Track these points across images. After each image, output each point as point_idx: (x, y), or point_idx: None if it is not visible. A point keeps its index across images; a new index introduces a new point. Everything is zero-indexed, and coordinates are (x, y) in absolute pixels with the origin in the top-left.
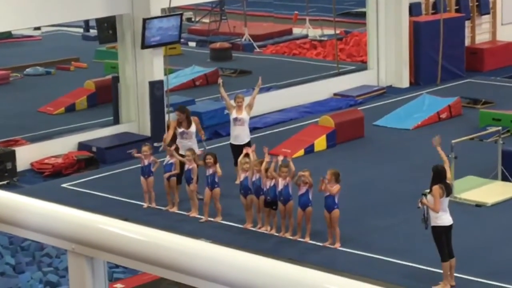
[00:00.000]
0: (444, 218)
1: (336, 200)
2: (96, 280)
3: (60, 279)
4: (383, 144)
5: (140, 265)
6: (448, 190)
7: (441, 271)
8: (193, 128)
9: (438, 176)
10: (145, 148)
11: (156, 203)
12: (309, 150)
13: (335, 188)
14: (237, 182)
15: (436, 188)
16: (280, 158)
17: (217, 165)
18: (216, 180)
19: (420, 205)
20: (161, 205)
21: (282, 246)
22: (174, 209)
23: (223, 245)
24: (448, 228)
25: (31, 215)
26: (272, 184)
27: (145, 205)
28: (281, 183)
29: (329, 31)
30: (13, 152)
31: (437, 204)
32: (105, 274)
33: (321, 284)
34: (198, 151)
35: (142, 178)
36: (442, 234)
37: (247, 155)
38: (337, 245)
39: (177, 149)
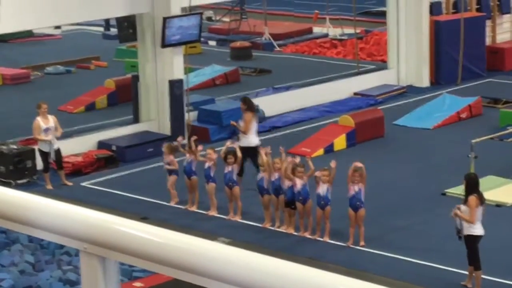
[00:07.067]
0: (478, 228)
1: (363, 199)
2: (108, 280)
3: (80, 278)
4: (403, 144)
5: (153, 266)
6: (482, 199)
7: (465, 272)
8: None
9: (472, 185)
10: (164, 148)
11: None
12: (329, 149)
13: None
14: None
15: (472, 199)
16: (297, 159)
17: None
18: (235, 178)
19: (453, 216)
20: (181, 204)
21: (301, 245)
22: (194, 208)
23: (241, 244)
24: (480, 238)
25: (42, 214)
26: (289, 184)
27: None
28: (299, 183)
29: (349, 30)
30: (33, 151)
31: (473, 215)
32: (118, 274)
33: (337, 286)
34: None
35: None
36: (476, 243)
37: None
38: (362, 244)
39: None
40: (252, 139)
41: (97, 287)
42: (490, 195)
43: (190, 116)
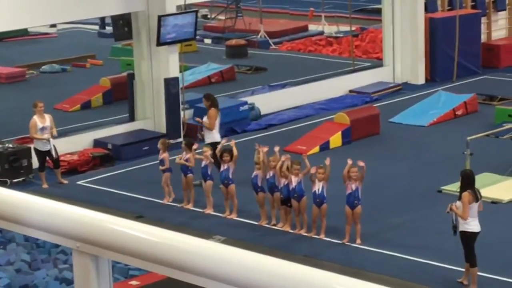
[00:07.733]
0: (473, 225)
1: (359, 196)
2: (101, 279)
3: None
4: (398, 141)
5: (145, 264)
6: (477, 196)
7: (462, 269)
8: None
9: (467, 181)
10: (159, 144)
11: (172, 198)
12: (325, 147)
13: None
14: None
15: (465, 195)
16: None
17: (231, 162)
18: (231, 176)
19: (449, 210)
20: (176, 202)
21: (297, 243)
22: (190, 206)
23: (237, 242)
24: (476, 235)
25: (35, 213)
26: (285, 182)
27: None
28: (294, 180)
29: (345, 28)
30: (29, 149)
31: (465, 211)
32: (110, 272)
33: (331, 284)
34: None
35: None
36: (471, 240)
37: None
38: (358, 241)
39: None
40: (216, 134)
41: (89, 285)
42: (486, 192)
43: (186, 114)
